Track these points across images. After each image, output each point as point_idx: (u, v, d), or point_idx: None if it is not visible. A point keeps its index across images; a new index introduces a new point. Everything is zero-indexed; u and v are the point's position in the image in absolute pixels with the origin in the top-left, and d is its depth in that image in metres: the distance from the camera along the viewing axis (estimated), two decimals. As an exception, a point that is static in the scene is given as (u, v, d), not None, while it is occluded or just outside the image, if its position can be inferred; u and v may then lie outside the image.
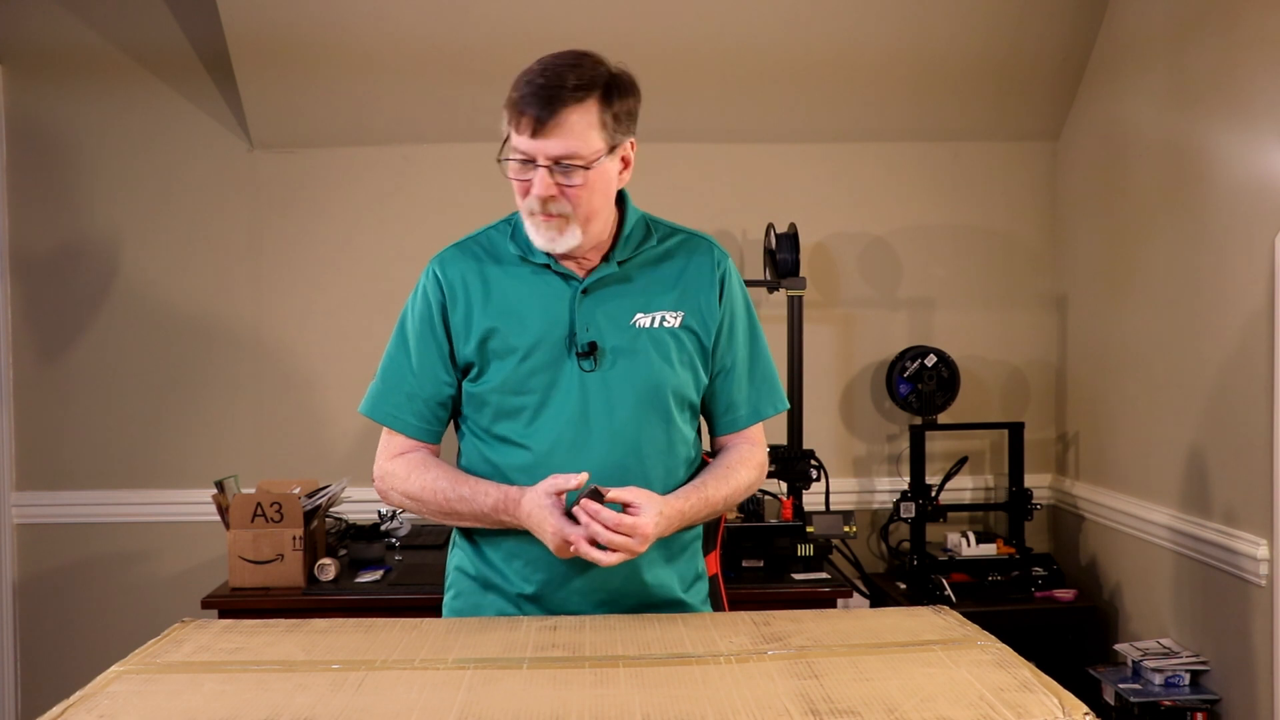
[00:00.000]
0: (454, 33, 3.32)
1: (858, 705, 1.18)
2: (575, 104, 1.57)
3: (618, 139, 1.64)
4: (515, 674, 1.31)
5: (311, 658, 1.39)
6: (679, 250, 1.75)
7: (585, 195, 1.60)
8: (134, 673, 1.34)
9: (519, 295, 1.68)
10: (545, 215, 1.60)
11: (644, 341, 1.67)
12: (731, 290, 1.75)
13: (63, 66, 3.53)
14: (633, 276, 1.70)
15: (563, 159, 1.57)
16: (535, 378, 1.65)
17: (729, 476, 1.72)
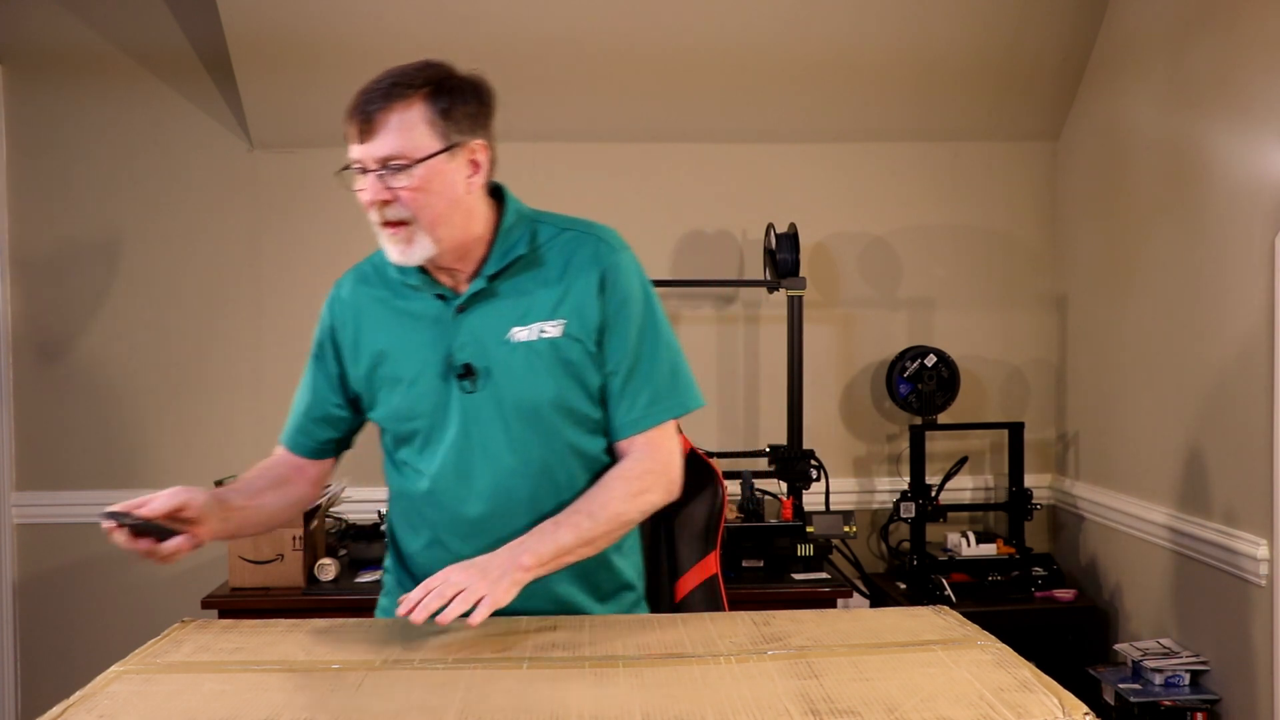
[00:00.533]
0: (454, 33, 3.32)
1: (858, 705, 1.18)
2: (398, 101, 1.52)
3: (455, 139, 1.54)
4: (515, 673, 1.31)
5: (311, 658, 1.39)
6: (561, 251, 1.64)
7: (421, 198, 1.52)
8: (134, 673, 1.34)
9: (402, 320, 1.64)
10: (386, 225, 1.54)
11: (521, 357, 1.59)
12: (616, 285, 1.63)
13: (63, 66, 3.52)
14: (507, 288, 1.61)
15: (389, 159, 1.51)
16: (422, 403, 1.61)
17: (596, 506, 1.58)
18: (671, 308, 3.71)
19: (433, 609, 1.38)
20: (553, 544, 1.52)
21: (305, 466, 1.75)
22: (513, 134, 3.62)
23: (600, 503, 1.58)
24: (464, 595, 1.40)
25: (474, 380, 1.59)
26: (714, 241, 3.70)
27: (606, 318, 1.62)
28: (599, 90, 3.52)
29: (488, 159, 1.60)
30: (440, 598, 1.39)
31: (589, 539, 1.55)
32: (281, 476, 1.73)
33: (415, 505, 1.66)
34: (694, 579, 2.52)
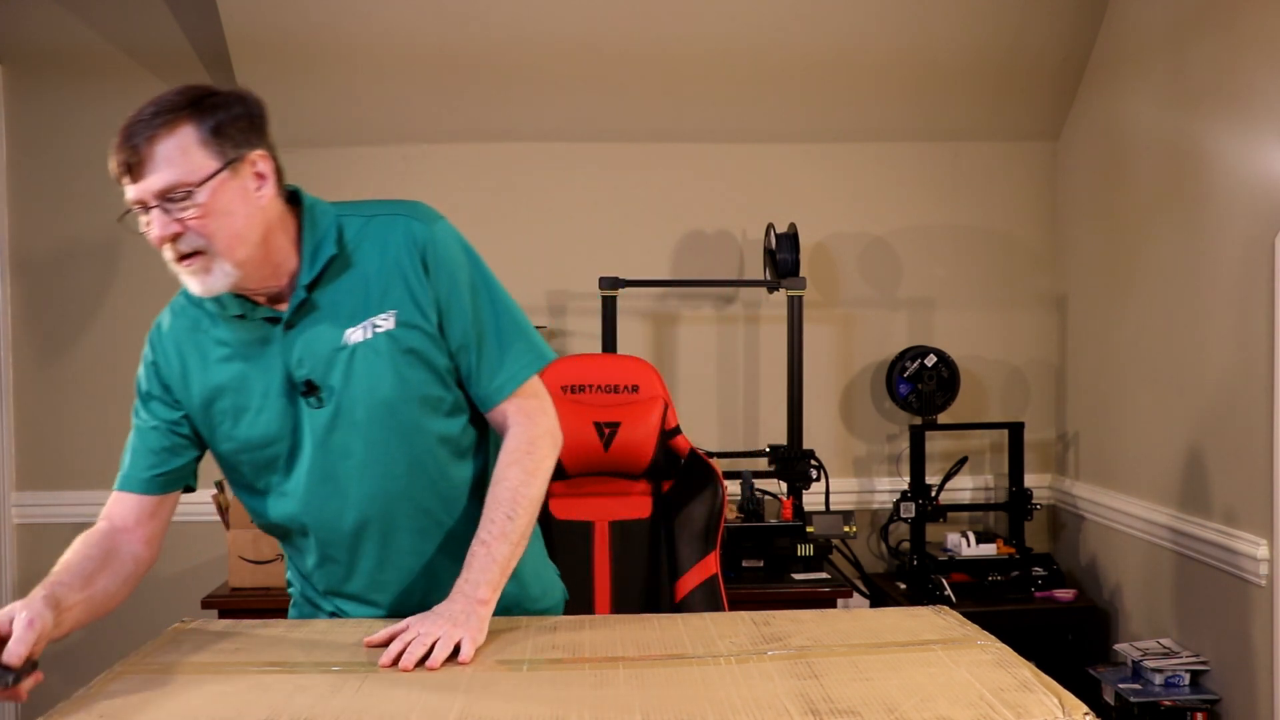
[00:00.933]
0: (454, 33, 3.32)
1: (857, 705, 1.18)
2: (163, 129, 1.44)
3: (232, 154, 1.45)
4: (515, 675, 1.31)
5: (311, 659, 1.39)
6: (374, 240, 1.57)
7: (211, 223, 1.43)
8: (134, 673, 1.34)
9: (231, 352, 1.56)
10: (181, 259, 1.45)
11: (360, 358, 1.53)
12: (439, 260, 1.57)
13: (63, 66, 3.53)
14: (330, 293, 1.54)
15: (167, 191, 1.42)
16: (274, 427, 1.55)
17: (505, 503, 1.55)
18: (671, 308, 3.71)
19: (418, 655, 1.35)
20: (494, 564, 1.50)
21: (140, 520, 1.64)
22: (513, 134, 3.64)
23: (509, 496, 1.55)
24: (443, 641, 1.37)
25: (319, 395, 1.54)
26: (714, 241, 3.70)
27: (440, 295, 1.57)
28: (599, 90, 3.52)
29: (271, 168, 1.51)
30: (421, 645, 1.37)
31: (519, 537, 1.54)
32: (108, 550, 1.59)
33: (292, 529, 1.62)
34: (694, 579, 2.52)
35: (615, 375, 2.67)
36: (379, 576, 1.61)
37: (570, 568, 2.59)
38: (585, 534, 2.61)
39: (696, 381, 3.70)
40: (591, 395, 2.65)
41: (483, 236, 4.02)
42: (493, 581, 1.49)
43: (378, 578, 1.61)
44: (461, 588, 1.49)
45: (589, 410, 2.59)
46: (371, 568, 1.60)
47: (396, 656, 1.36)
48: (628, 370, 2.68)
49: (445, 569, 1.59)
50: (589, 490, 2.63)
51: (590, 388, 2.66)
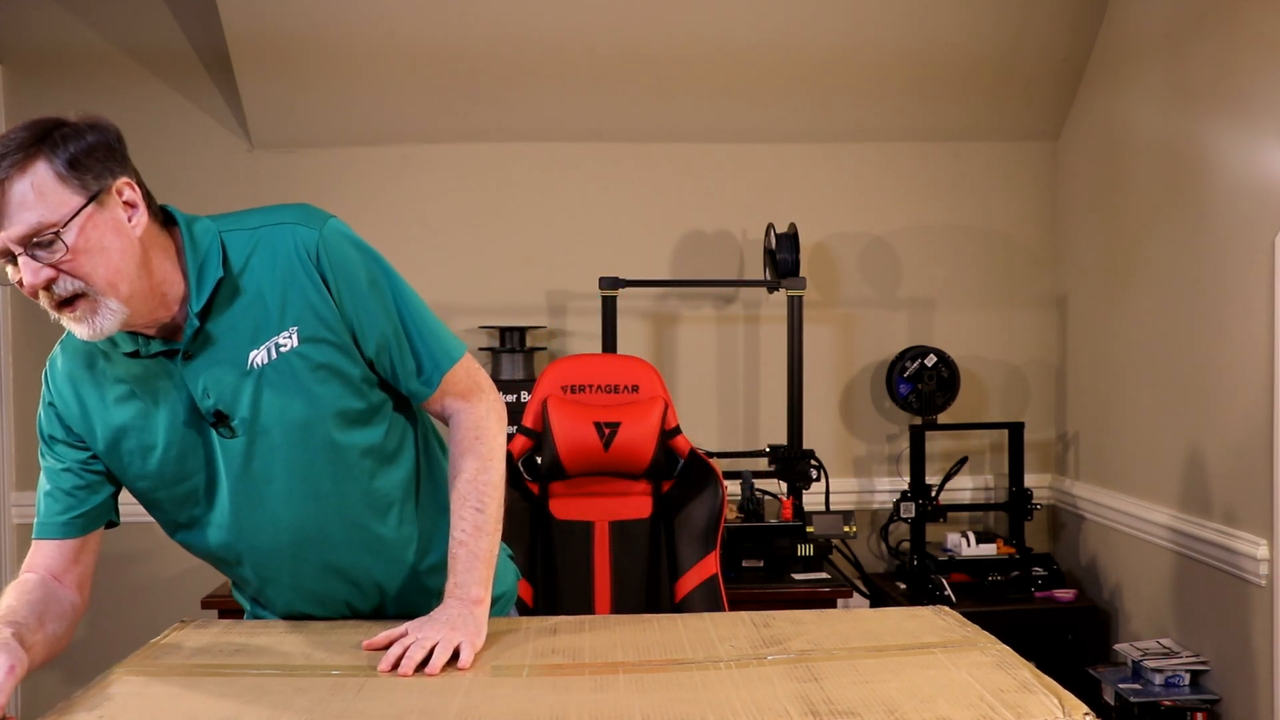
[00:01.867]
0: (454, 33, 3.32)
1: (858, 707, 1.18)
2: (15, 172, 1.30)
3: (94, 186, 1.34)
4: (515, 680, 1.31)
5: (311, 662, 1.39)
6: (261, 255, 1.48)
7: (87, 263, 1.33)
8: (134, 674, 1.34)
9: (130, 390, 1.48)
10: (60, 306, 1.36)
11: (268, 381, 1.46)
12: (335, 264, 1.49)
13: (63, 66, 3.52)
14: (225, 318, 1.46)
15: (32, 236, 1.31)
16: (187, 462, 1.49)
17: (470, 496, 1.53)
18: (671, 308, 3.71)
19: (417, 660, 1.34)
20: (478, 561, 1.50)
21: (66, 566, 1.53)
22: (513, 134, 3.64)
23: (471, 488, 1.54)
24: (441, 645, 1.36)
25: (230, 425, 1.47)
26: (714, 241, 3.70)
27: (343, 302, 1.49)
28: (599, 90, 3.52)
29: (140, 194, 1.41)
30: (421, 649, 1.36)
31: (493, 526, 1.54)
32: (46, 595, 1.48)
33: (224, 559, 1.58)
34: (694, 579, 2.52)
35: (615, 375, 2.68)
36: (326, 592, 1.59)
37: (570, 567, 2.60)
38: (585, 534, 2.61)
39: (696, 381, 3.70)
40: (591, 395, 2.65)
41: (483, 236, 4.03)
42: (481, 579, 1.49)
43: (325, 593, 1.59)
44: (453, 591, 1.48)
45: (589, 410, 2.59)
46: (317, 586, 1.58)
47: (396, 661, 1.35)
48: (628, 370, 2.69)
49: (391, 576, 1.59)
50: (589, 490, 2.64)
51: (590, 388, 2.66)
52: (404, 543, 1.60)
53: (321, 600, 1.60)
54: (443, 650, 1.36)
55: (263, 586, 1.61)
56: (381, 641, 1.41)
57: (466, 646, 1.38)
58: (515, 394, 3.33)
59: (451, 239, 3.64)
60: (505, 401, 3.33)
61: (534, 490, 2.64)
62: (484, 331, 3.61)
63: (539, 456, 2.60)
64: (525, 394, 3.29)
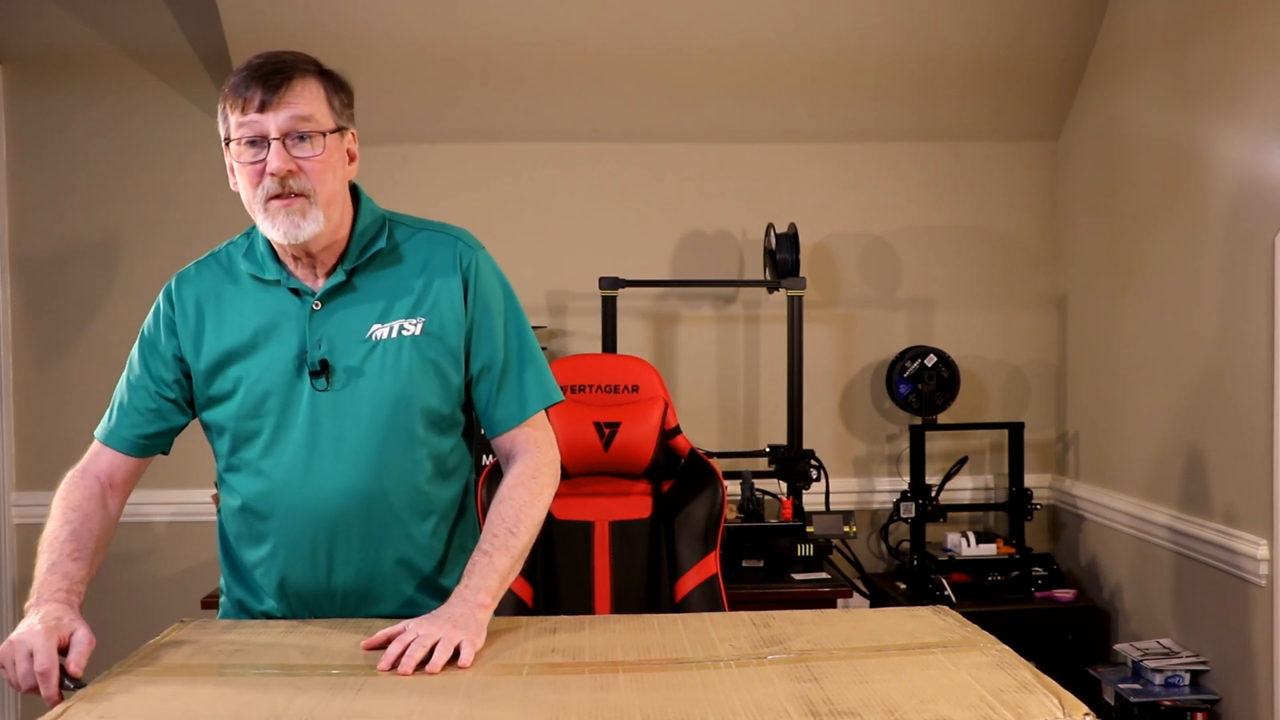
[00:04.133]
0: (454, 33, 3.32)
1: (858, 707, 1.18)
2: (300, 76, 1.53)
3: (342, 122, 1.58)
4: (515, 679, 1.31)
5: (310, 661, 1.39)
6: (419, 250, 1.64)
7: (324, 170, 1.53)
8: (133, 674, 1.34)
9: (251, 315, 1.59)
10: (284, 198, 1.51)
11: (379, 355, 1.57)
12: (480, 284, 1.64)
13: (63, 66, 3.52)
14: (366, 285, 1.60)
15: (297, 129, 1.51)
16: (269, 400, 1.57)
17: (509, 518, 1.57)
18: (671, 308, 3.71)
19: (417, 659, 1.35)
20: (495, 574, 1.52)
21: (124, 478, 1.65)
22: (513, 134, 3.64)
23: (514, 515, 1.57)
24: (442, 644, 1.37)
25: (329, 378, 1.56)
26: (714, 241, 3.70)
27: (474, 317, 1.63)
28: (599, 90, 3.52)
29: (356, 152, 1.64)
30: (421, 648, 1.36)
31: (519, 553, 1.56)
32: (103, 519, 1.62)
33: (256, 512, 1.61)
34: (694, 579, 2.52)
35: (615, 375, 2.68)
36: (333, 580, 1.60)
37: (570, 568, 2.59)
38: (585, 534, 2.61)
39: (696, 381, 3.70)
40: (591, 395, 2.65)
41: (483, 236, 4.01)
42: (492, 589, 1.50)
43: (329, 582, 1.60)
44: (461, 593, 1.49)
45: (589, 410, 2.59)
46: (329, 570, 1.59)
47: (396, 659, 1.35)
48: (628, 370, 2.68)
49: (404, 580, 1.61)
50: (589, 490, 2.63)
51: (590, 388, 2.66)
52: (430, 554, 1.64)
53: (318, 591, 1.61)
54: (443, 649, 1.37)
55: (268, 557, 1.61)
56: (380, 640, 1.41)
57: (467, 645, 1.39)
58: (515, 394, 3.32)
59: (451, 239, 3.64)
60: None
61: (534, 490, 2.63)
62: (484, 331, 3.61)
63: (539, 456, 2.60)
64: (525, 394, 3.28)
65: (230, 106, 1.53)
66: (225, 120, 1.55)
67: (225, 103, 1.54)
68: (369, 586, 1.61)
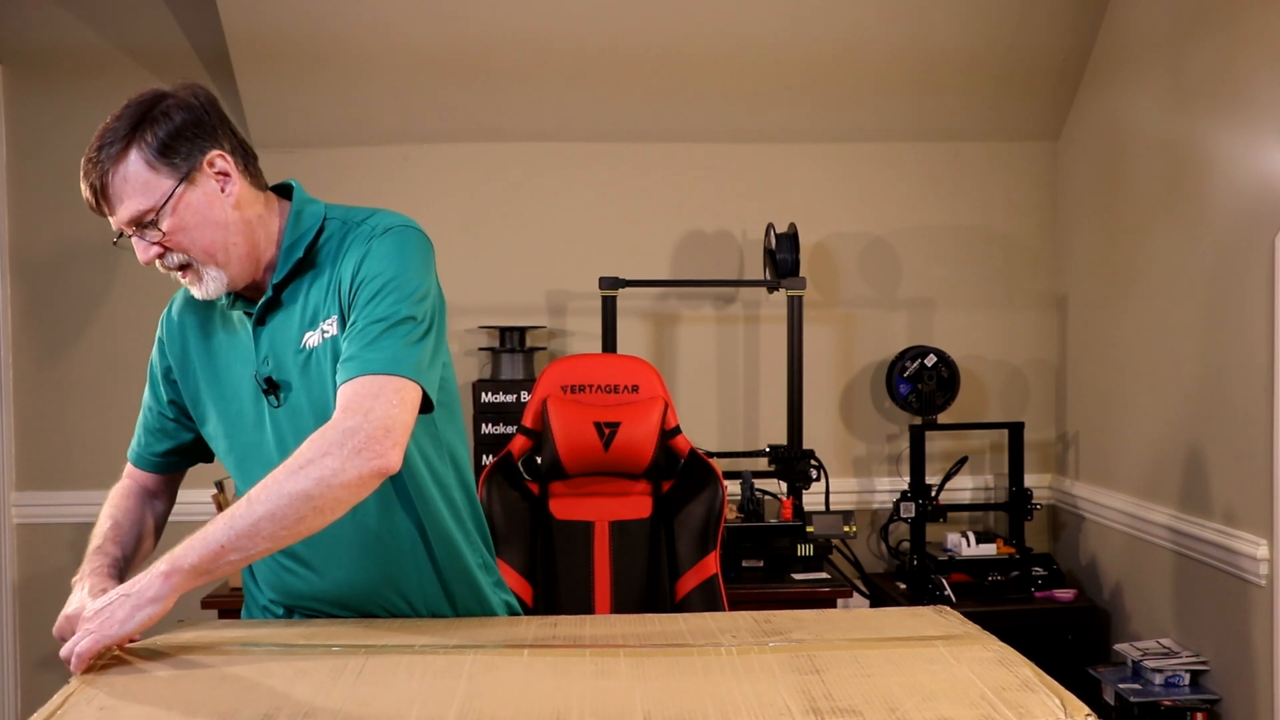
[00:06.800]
0: (454, 33, 3.32)
1: (859, 704, 1.17)
2: (111, 165, 1.45)
3: (184, 167, 1.46)
4: (516, 660, 1.31)
5: (311, 642, 1.39)
6: (339, 247, 1.55)
7: (185, 238, 1.48)
8: (133, 670, 1.34)
9: (219, 341, 1.62)
10: (179, 271, 1.53)
11: (314, 363, 1.52)
12: (376, 253, 1.51)
13: (63, 66, 3.52)
14: (293, 295, 1.55)
15: (135, 221, 1.47)
16: (240, 418, 1.58)
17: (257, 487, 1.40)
18: (671, 308, 3.71)
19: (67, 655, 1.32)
20: (199, 541, 1.36)
21: (151, 486, 1.72)
22: (513, 134, 3.64)
23: (265, 483, 1.38)
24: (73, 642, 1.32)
25: (278, 394, 1.55)
26: (714, 241, 3.70)
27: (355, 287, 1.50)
28: (599, 90, 3.52)
29: (234, 163, 1.51)
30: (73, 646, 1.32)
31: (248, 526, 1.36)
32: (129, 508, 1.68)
33: None
34: (694, 579, 2.52)
35: (615, 375, 2.68)
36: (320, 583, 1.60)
37: (570, 567, 2.60)
38: (585, 534, 2.61)
39: (696, 381, 3.70)
40: (591, 395, 2.65)
41: (483, 236, 4.04)
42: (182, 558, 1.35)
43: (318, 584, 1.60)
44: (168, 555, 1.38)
45: (589, 410, 2.59)
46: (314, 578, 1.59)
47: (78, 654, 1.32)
48: (628, 370, 2.69)
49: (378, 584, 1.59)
50: (589, 490, 2.64)
51: (590, 388, 2.66)
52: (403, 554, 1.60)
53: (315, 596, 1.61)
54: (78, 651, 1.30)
55: (265, 563, 1.63)
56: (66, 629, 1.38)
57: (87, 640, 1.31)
58: (515, 394, 3.33)
59: (451, 239, 3.63)
60: (505, 401, 3.33)
61: (534, 490, 2.64)
62: (484, 331, 3.61)
63: (539, 456, 2.60)
64: (525, 394, 3.29)
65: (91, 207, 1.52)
66: None
67: None
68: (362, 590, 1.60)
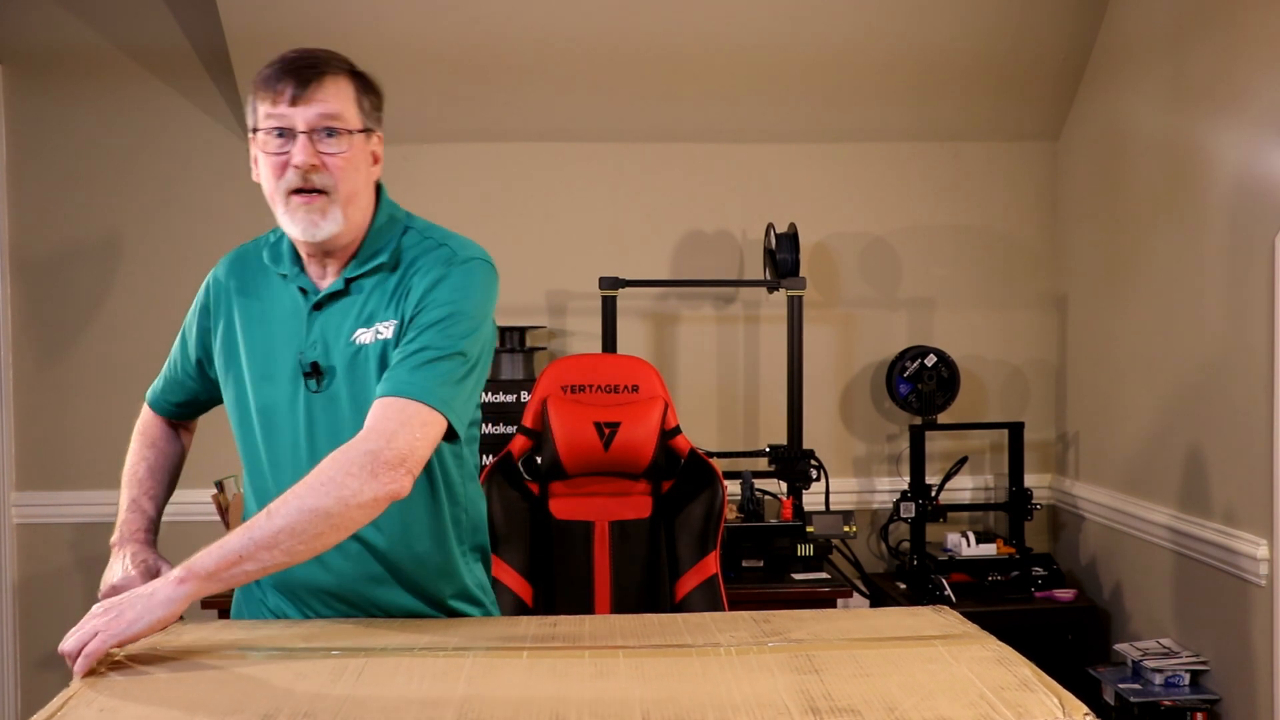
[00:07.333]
0: (454, 33, 3.32)
1: (858, 703, 1.17)
2: (332, 74, 1.55)
3: (370, 125, 1.60)
4: (515, 662, 1.31)
5: (311, 645, 1.39)
6: (415, 259, 1.60)
7: (347, 169, 1.54)
8: (133, 670, 1.34)
9: (266, 311, 1.63)
10: (305, 194, 1.52)
11: (362, 359, 1.57)
12: (451, 283, 1.57)
13: (63, 66, 3.52)
14: (360, 291, 1.60)
15: (324, 125, 1.52)
16: (268, 393, 1.60)
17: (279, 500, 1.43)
18: (671, 308, 3.71)
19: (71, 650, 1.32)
20: (216, 550, 1.39)
21: (176, 427, 1.84)
22: (513, 134, 3.64)
23: (280, 500, 1.43)
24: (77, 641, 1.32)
25: (319, 380, 1.58)
26: (714, 241, 3.70)
27: (424, 305, 1.55)
28: (599, 90, 3.52)
29: (381, 155, 1.65)
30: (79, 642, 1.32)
31: (267, 539, 1.39)
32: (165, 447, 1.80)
33: (256, 488, 1.64)
34: (693, 579, 2.52)
35: (615, 375, 2.68)
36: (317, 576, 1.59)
37: (570, 568, 2.59)
38: (585, 534, 2.61)
39: (696, 381, 3.70)
40: (591, 395, 2.65)
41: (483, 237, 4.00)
42: (199, 566, 1.38)
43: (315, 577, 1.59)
44: (187, 562, 1.40)
45: (589, 410, 2.59)
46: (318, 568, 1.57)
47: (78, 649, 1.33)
48: (628, 370, 2.69)
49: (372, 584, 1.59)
50: (589, 490, 2.63)
51: (590, 388, 2.66)
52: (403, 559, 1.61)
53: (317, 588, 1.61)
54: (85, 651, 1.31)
55: None
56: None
57: (97, 640, 1.32)
58: (515, 394, 3.33)
59: (451, 239, 3.64)
60: (505, 401, 3.33)
61: (534, 490, 2.64)
62: (484, 331, 3.61)
63: (539, 456, 2.60)
64: (525, 394, 3.29)
65: (260, 97, 1.53)
66: (254, 110, 1.55)
67: (255, 93, 1.54)
68: (366, 585, 1.61)
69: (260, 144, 1.54)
